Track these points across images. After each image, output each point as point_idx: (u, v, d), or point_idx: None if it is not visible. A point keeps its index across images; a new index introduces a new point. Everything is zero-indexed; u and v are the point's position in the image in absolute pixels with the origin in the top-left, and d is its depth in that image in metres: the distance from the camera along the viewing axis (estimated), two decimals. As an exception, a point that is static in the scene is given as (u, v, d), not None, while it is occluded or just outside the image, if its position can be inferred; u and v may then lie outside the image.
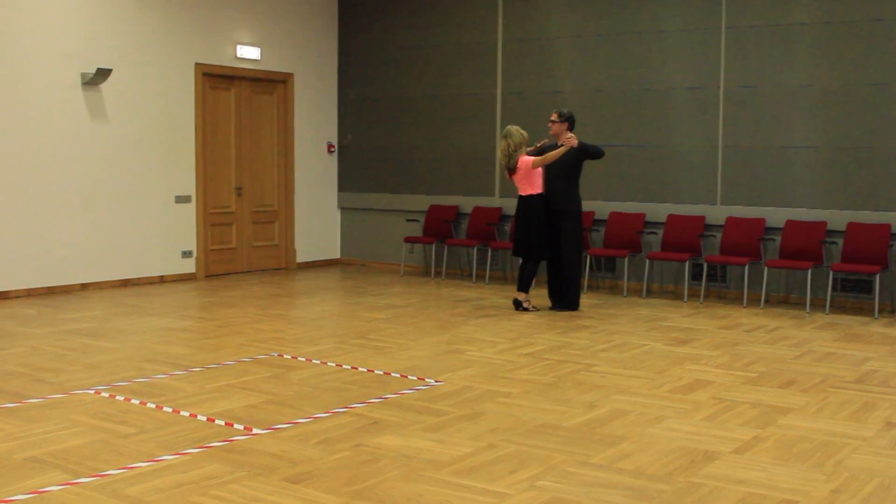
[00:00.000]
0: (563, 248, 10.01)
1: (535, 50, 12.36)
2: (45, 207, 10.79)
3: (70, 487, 4.60)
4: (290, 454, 5.12)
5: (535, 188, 9.93)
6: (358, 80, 14.08)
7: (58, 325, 9.01)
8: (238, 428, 5.64)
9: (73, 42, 10.99)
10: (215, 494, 4.49)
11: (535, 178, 9.91)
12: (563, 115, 10.03)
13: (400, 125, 13.65)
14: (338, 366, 7.34)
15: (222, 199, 12.85)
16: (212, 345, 8.20)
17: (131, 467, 4.89)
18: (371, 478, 4.75)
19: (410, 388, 6.63)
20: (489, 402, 6.27)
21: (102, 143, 11.31)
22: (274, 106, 13.49)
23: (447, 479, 4.72)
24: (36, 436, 5.46)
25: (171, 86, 12.05)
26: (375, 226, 14.00)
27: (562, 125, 10.00)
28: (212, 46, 12.51)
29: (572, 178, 10.04)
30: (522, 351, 7.96)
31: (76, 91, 11.05)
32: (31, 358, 7.56)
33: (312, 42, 13.86)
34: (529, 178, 9.91)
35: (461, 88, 13.03)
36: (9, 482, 4.67)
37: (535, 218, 9.92)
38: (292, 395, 6.43)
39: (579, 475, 4.81)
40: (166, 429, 5.62)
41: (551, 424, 5.75)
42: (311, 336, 8.65)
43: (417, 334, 8.70)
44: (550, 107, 12.11)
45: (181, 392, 6.50)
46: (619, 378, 7.00)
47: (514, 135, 9.93)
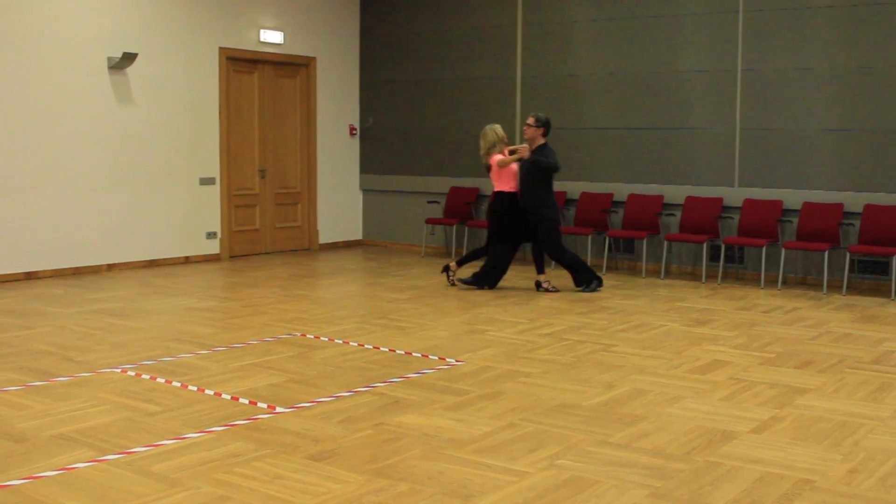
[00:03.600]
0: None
1: (554, 33, 12.29)
2: (72, 189, 10.83)
3: (97, 464, 4.61)
4: (313, 432, 5.12)
5: (505, 185, 10.00)
6: (379, 63, 14.04)
7: (85, 304, 9.04)
8: (262, 406, 5.64)
9: (100, 27, 11.00)
10: (239, 472, 4.50)
11: (504, 176, 9.99)
12: (539, 120, 9.97)
13: (421, 108, 13.61)
14: (360, 345, 7.34)
15: (246, 181, 12.86)
16: (236, 324, 8.22)
17: (157, 445, 4.90)
18: (392, 456, 4.74)
19: (431, 368, 6.62)
20: (509, 382, 6.25)
21: (128, 126, 11.33)
22: (297, 89, 13.47)
23: (468, 458, 4.71)
24: (64, 413, 5.48)
25: (196, 70, 12.05)
26: (397, 207, 13.98)
27: (536, 130, 9.95)
28: (236, 31, 12.49)
29: (540, 183, 9.96)
30: (542, 331, 7.94)
31: (103, 75, 11.06)
32: (59, 337, 7.59)
33: (335, 26, 13.82)
34: (499, 176, 10.02)
35: (481, 71, 12.98)
36: (37, 459, 4.69)
37: (502, 212, 10.02)
38: (315, 375, 6.43)
39: (598, 454, 4.79)
40: (191, 407, 5.63)
41: (571, 404, 5.73)
42: (333, 316, 8.65)
43: (438, 315, 8.69)
44: (569, 89, 12.10)
45: (206, 371, 6.51)
46: (638, 358, 6.98)
47: (489, 134, 10.12)
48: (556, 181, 12.18)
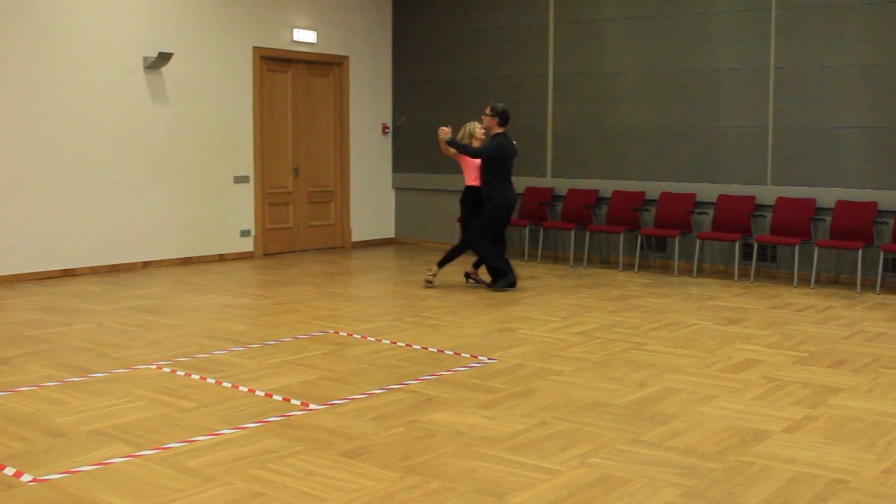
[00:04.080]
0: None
1: (585, 32, 12.25)
2: (109, 188, 10.91)
3: (133, 459, 4.64)
4: (346, 429, 5.13)
5: (468, 179, 10.10)
6: (412, 62, 14.06)
7: (121, 301, 9.11)
8: (295, 403, 5.66)
9: (135, 27, 11.08)
10: (273, 468, 4.52)
11: (469, 170, 10.09)
12: (494, 109, 9.97)
13: (453, 107, 13.60)
14: (392, 343, 7.36)
15: (279, 179, 12.91)
16: (269, 322, 8.25)
17: (192, 440, 4.94)
18: (425, 453, 4.74)
19: (464, 366, 6.62)
20: (541, 380, 6.24)
21: (164, 125, 11.40)
22: (330, 88, 13.50)
23: (500, 456, 4.70)
24: (100, 409, 5.52)
25: (230, 69, 12.11)
26: (428, 205, 13.99)
27: (492, 119, 9.95)
28: (269, 30, 12.54)
29: (487, 171, 9.90)
30: (574, 329, 7.92)
31: (139, 75, 11.14)
32: (96, 333, 7.65)
33: (367, 25, 13.85)
34: (466, 170, 10.14)
35: (513, 70, 12.96)
36: (75, 454, 4.73)
37: (465, 205, 10.17)
38: (348, 372, 6.45)
39: (630, 453, 4.77)
40: (225, 403, 5.66)
41: (602, 402, 5.71)
42: (366, 313, 8.67)
43: (471, 312, 8.68)
44: (602, 88, 12.06)
45: (240, 368, 6.54)
46: (670, 357, 6.95)
47: (461, 129, 10.32)
48: (589, 178, 12.21)
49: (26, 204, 10.24)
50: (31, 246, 10.32)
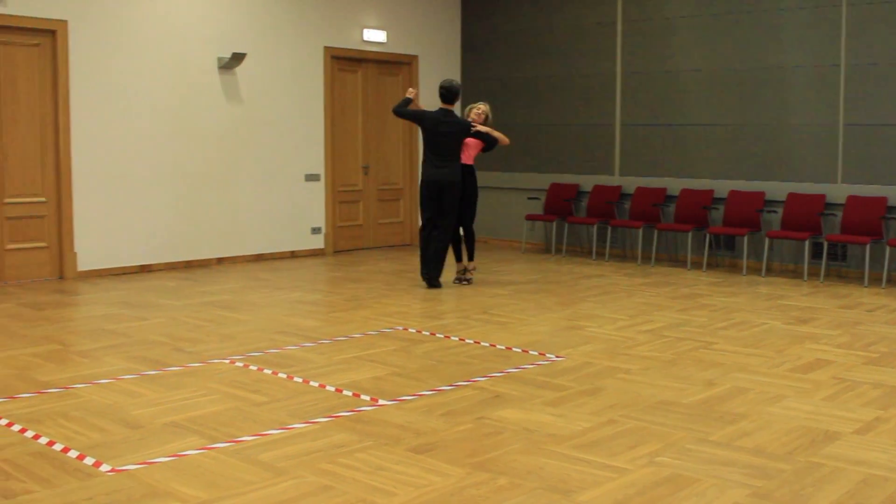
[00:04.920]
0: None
1: (654, 29, 12.15)
2: (184, 186, 11.06)
3: (207, 452, 4.70)
4: (415, 425, 5.15)
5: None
6: (480, 60, 14.05)
7: (195, 297, 9.23)
8: (365, 399, 5.69)
9: (210, 28, 11.22)
10: (343, 462, 4.55)
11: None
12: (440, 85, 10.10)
13: (521, 105, 13.58)
14: (460, 340, 7.36)
15: (350, 177, 12.99)
16: (340, 318, 8.30)
17: (264, 434, 4.99)
18: (493, 450, 4.74)
19: (531, 363, 6.61)
20: (609, 378, 6.21)
21: (237, 124, 11.53)
22: (399, 87, 13.54)
23: (567, 453, 4.69)
24: (175, 402, 5.60)
25: (302, 68, 12.21)
26: (497, 203, 13.97)
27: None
28: (340, 30, 12.62)
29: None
30: (642, 328, 7.87)
31: (213, 75, 11.28)
32: (171, 328, 7.76)
33: (436, 25, 13.87)
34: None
35: (581, 69, 12.89)
36: (151, 445, 4.80)
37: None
38: (417, 368, 6.46)
39: (698, 452, 4.73)
40: (296, 398, 5.71)
41: (670, 401, 5.67)
42: (434, 311, 8.69)
43: (538, 310, 8.66)
44: (670, 86, 11.95)
45: (311, 363, 6.59)
46: (739, 356, 6.86)
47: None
48: (657, 176, 12.12)
49: (105, 202, 10.43)
50: (110, 243, 10.50)
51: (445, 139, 9.79)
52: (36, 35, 9.94)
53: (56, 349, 7.00)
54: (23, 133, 9.93)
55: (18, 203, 9.95)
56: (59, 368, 6.42)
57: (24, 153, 9.96)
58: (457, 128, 9.80)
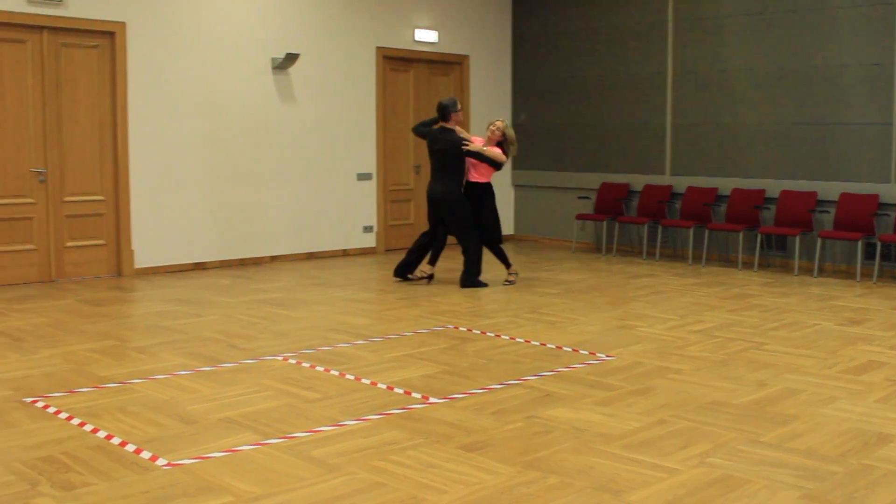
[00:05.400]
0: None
1: (705, 28, 12.04)
2: (238, 184, 11.16)
3: (260, 448, 4.74)
4: (466, 423, 5.15)
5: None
6: (531, 60, 14.03)
7: (249, 294, 9.31)
8: (416, 396, 5.71)
9: (264, 29, 11.30)
10: (394, 460, 4.56)
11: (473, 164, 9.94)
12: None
13: (572, 104, 13.54)
14: (511, 339, 7.36)
15: (401, 176, 13.02)
16: (391, 316, 8.33)
17: (316, 431, 5.02)
18: (543, 449, 4.73)
19: (582, 363, 6.59)
20: (659, 378, 6.17)
21: (290, 123, 11.61)
22: (450, 87, 13.55)
23: (618, 453, 4.67)
24: (229, 398, 5.65)
25: (354, 68, 12.26)
26: (548, 203, 13.94)
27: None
28: (392, 30, 12.65)
29: None
30: (693, 328, 7.81)
31: (267, 75, 11.36)
32: (225, 325, 7.83)
33: (487, 24, 13.86)
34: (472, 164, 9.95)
35: (632, 68, 12.82)
36: (206, 440, 4.85)
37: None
38: (467, 367, 6.47)
39: (749, 453, 4.68)
40: (348, 395, 5.73)
41: (721, 402, 5.62)
42: (485, 309, 8.69)
43: (589, 309, 8.63)
44: (721, 85, 11.84)
45: (362, 361, 6.62)
46: (791, 357, 6.79)
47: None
48: (708, 176, 12.03)
49: (161, 200, 10.55)
50: (166, 241, 10.62)
51: (439, 156, 9.84)
52: (95, 37, 10.07)
53: (114, 345, 7.09)
54: (82, 133, 10.07)
55: (78, 201, 10.09)
56: (117, 364, 6.50)
57: (84, 153, 10.10)
58: (447, 146, 9.77)
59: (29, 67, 9.70)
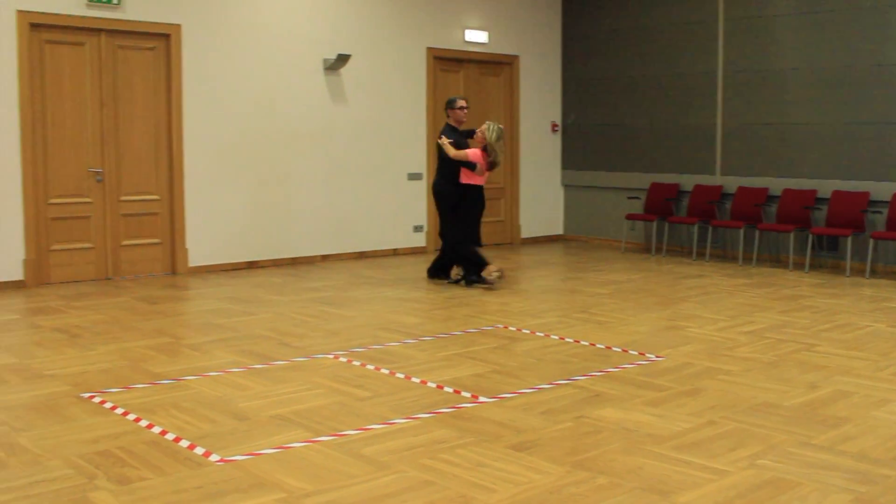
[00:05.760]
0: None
1: (757, 27, 11.92)
2: (290, 184, 11.23)
3: (311, 445, 4.77)
4: (515, 423, 5.15)
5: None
6: (581, 60, 13.97)
7: (301, 293, 9.36)
8: (465, 395, 5.71)
9: (316, 30, 11.37)
10: (444, 458, 4.57)
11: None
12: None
13: (622, 104, 13.47)
14: (560, 339, 7.34)
15: (451, 176, 13.00)
16: (441, 315, 8.34)
17: (367, 428, 5.03)
18: (592, 449, 4.72)
19: (631, 363, 6.55)
20: (709, 379, 6.12)
21: (342, 124, 11.66)
22: (500, 87, 13.55)
23: (667, 454, 4.64)
24: (281, 395, 5.69)
25: (405, 69, 12.29)
26: (597, 203, 13.89)
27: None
28: (442, 31, 12.67)
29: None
30: (743, 329, 7.74)
31: (319, 75, 11.42)
32: (277, 323, 7.89)
33: (537, 25, 13.83)
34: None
35: (682, 67, 12.73)
36: (257, 437, 4.89)
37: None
38: (517, 366, 6.46)
39: (800, 455, 4.63)
40: (399, 394, 5.75)
41: (772, 403, 5.56)
42: (534, 309, 8.67)
43: (638, 310, 8.58)
44: (772, 84, 11.71)
45: (412, 359, 6.64)
46: (842, 359, 6.70)
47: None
48: (759, 176, 11.91)
49: (215, 200, 10.65)
50: (219, 240, 10.72)
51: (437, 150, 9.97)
52: (151, 39, 10.19)
53: (168, 342, 7.17)
54: (138, 133, 10.20)
55: (134, 201, 10.22)
56: (171, 360, 6.58)
57: (139, 153, 10.22)
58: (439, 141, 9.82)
59: (87, 70, 9.84)
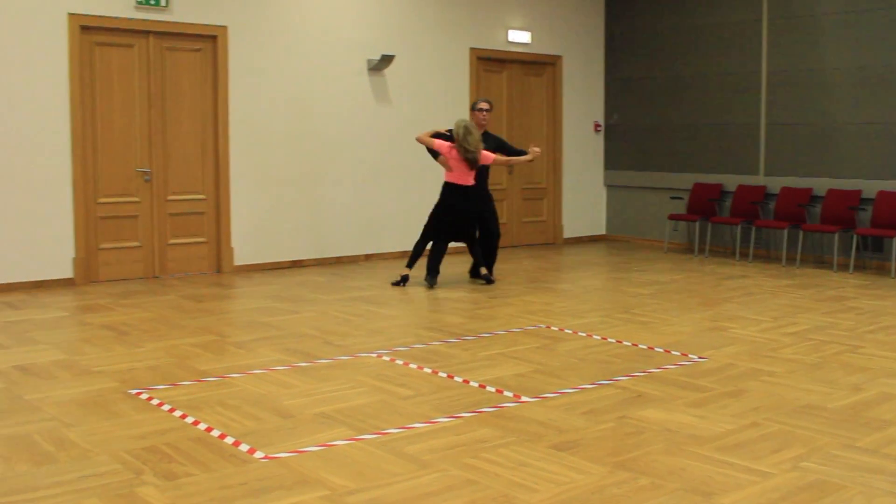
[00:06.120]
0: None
1: (800, 27, 11.79)
2: (334, 184, 11.27)
3: (354, 443, 4.78)
4: (557, 423, 5.13)
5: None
6: (624, 60, 13.91)
7: (344, 292, 9.39)
8: (508, 395, 5.70)
9: (360, 31, 11.40)
10: (486, 457, 4.56)
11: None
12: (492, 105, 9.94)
13: (665, 104, 13.39)
14: (603, 339, 7.31)
15: (494, 176, 12.93)
16: (483, 315, 8.33)
17: (409, 427, 5.04)
18: (635, 450, 4.69)
19: (674, 364, 6.51)
20: (752, 381, 6.07)
21: (385, 124, 11.69)
22: (543, 87, 13.52)
23: (710, 455, 4.60)
24: (325, 393, 5.72)
25: (448, 70, 12.30)
26: (640, 203, 13.82)
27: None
28: (485, 31, 12.66)
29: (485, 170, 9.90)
30: (786, 330, 7.66)
31: (363, 76, 11.46)
32: (321, 322, 7.92)
33: (580, 25, 13.78)
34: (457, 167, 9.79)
35: (725, 67, 12.62)
36: (301, 435, 4.91)
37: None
38: (559, 366, 6.44)
39: (844, 458, 4.58)
40: (441, 393, 5.75)
41: (816, 405, 5.50)
42: (577, 309, 8.64)
43: (681, 310, 8.53)
44: (817, 84, 11.59)
45: (455, 359, 6.64)
46: (887, 361, 6.61)
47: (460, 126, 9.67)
48: (802, 176, 11.79)
49: (260, 200, 10.71)
50: (264, 239, 10.79)
51: None
52: (198, 40, 10.27)
53: (214, 340, 7.23)
54: (185, 134, 10.28)
55: (180, 200, 10.31)
56: (217, 358, 6.62)
57: (186, 153, 10.31)
58: None
59: (136, 71, 9.94)
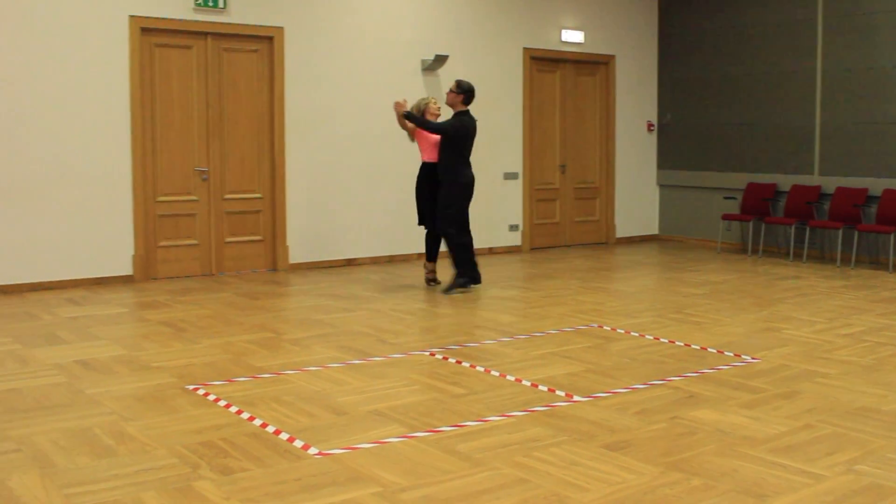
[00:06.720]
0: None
1: (855, 25, 11.62)
2: (387, 183, 11.30)
3: (407, 440, 4.79)
4: (609, 422, 5.11)
5: (424, 155, 9.42)
6: (677, 59, 13.80)
7: (398, 290, 9.41)
8: (559, 394, 5.68)
9: (414, 31, 11.42)
10: (537, 456, 4.55)
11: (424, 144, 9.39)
12: (461, 86, 9.28)
13: (718, 103, 13.26)
14: (655, 339, 7.25)
15: (547, 175, 12.98)
16: (536, 314, 8.31)
17: (461, 425, 5.04)
18: (687, 450, 4.65)
19: (726, 364, 6.45)
20: (806, 382, 5.99)
21: (439, 124, 11.69)
22: (596, 87, 13.45)
23: (762, 457, 4.55)
24: (378, 391, 5.74)
25: (502, 70, 12.28)
26: (693, 203, 13.70)
27: (457, 96, 9.26)
28: (538, 31, 12.63)
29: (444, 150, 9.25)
30: (841, 331, 7.55)
31: (417, 76, 11.48)
32: (375, 320, 7.95)
33: (633, 24, 13.70)
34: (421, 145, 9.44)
35: (780, 66, 12.47)
36: (355, 431, 4.93)
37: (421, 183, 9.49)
38: (611, 366, 6.41)
39: (900, 461, 4.52)
40: (493, 391, 5.75)
41: (871, 408, 5.42)
42: (629, 309, 8.59)
43: (734, 311, 8.44)
44: (872, 83, 11.42)
45: (507, 357, 6.63)
46: (945, 363, 6.51)
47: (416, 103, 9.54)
48: (858, 176, 11.59)
49: (315, 199, 10.78)
50: (318, 238, 10.85)
51: (472, 143, 9.50)
52: (255, 41, 10.36)
53: (269, 337, 7.28)
54: (242, 133, 10.37)
55: (237, 199, 10.40)
56: (272, 355, 6.67)
57: (243, 152, 10.40)
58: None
59: (194, 72, 10.05)
